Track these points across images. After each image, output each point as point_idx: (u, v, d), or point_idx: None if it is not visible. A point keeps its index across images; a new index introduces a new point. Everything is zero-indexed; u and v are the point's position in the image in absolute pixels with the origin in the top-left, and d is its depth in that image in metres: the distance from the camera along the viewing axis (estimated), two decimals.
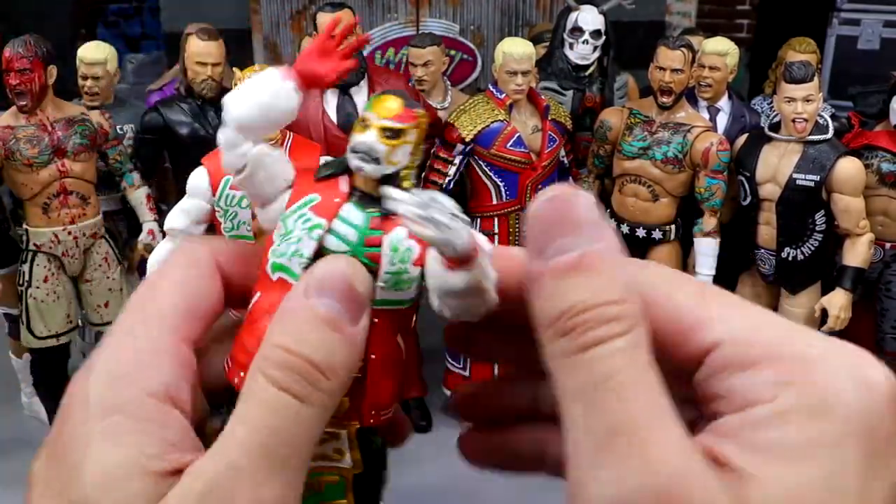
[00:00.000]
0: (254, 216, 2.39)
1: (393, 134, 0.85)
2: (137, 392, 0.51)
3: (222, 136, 0.69)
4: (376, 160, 0.84)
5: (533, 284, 0.51)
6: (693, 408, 0.50)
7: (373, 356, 0.91)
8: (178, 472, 0.48)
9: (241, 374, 0.80)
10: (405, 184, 0.86)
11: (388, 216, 0.85)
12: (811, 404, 0.44)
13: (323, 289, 0.57)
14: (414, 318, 0.94)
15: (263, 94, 0.77)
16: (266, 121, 0.78)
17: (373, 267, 0.90)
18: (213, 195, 2.35)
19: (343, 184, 0.89)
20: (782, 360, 0.46)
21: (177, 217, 2.39)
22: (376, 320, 0.91)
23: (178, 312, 0.58)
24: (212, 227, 2.45)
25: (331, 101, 3.03)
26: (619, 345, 0.46)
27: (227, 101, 0.74)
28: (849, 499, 0.42)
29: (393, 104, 0.87)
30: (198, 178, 2.37)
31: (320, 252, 0.84)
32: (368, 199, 0.87)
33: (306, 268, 0.81)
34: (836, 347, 0.47)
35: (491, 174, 3.24)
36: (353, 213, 0.85)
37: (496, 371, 3.03)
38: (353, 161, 0.85)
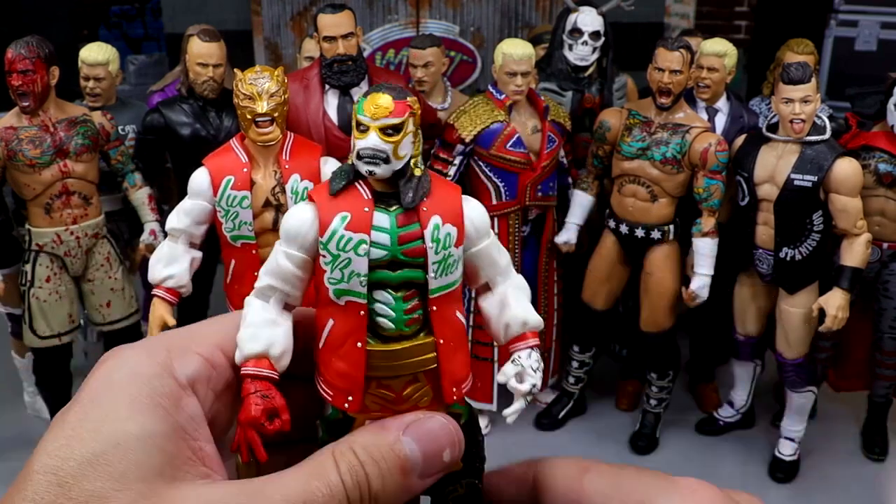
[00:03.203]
0: (255, 216, 2.40)
1: (393, 130, 0.93)
2: (158, 370, 0.62)
3: None
4: (385, 160, 0.92)
5: None
6: None
7: (441, 341, 0.97)
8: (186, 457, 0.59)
9: (350, 398, 0.93)
10: (416, 171, 0.96)
11: (410, 210, 0.94)
12: None
13: (417, 436, 0.71)
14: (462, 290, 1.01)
15: None
16: None
17: (418, 261, 0.95)
18: (214, 195, 2.36)
19: (363, 191, 0.95)
20: None
21: (178, 217, 2.39)
22: (435, 308, 0.96)
23: (231, 333, 0.72)
24: (213, 228, 2.46)
25: (331, 101, 3.04)
26: None
27: None
28: None
29: (384, 101, 0.93)
30: (199, 179, 2.38)
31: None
32: (387, 198, 0.95)
33: (366, 285, 0.92)
34: (668, 487, 0.65)
35: (490, 174, 3.25)
36: (380, 218, 0.94)
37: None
38: (363, 167, 0.93)
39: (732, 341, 3.41)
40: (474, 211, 1.00)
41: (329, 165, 2.49)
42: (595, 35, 3.48)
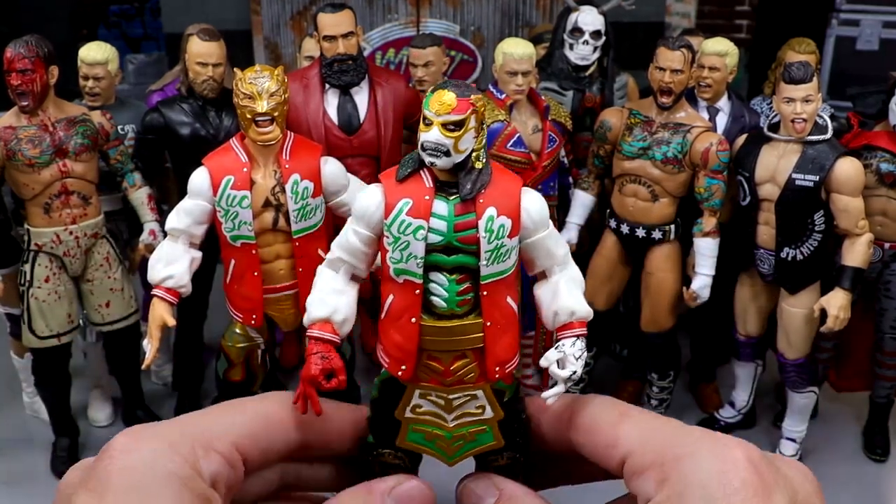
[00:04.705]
0: (255, 216, 2.39)
1: (455, 126, 1.00)
2: (190, 472, 0.65)
3: None
4: (446, 153, 0.99)
5: None
6: None
7: (488, 323, 1.05)
8: None
9: (403, 367, 1.02)
10: (477, 164, 1.03)
11: (467, 200, 1.01)
12: (676, 493, 0.63)
13: (398, 498, 0.77)
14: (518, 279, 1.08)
15: None
16: None
17: (471, 248, 1.02)
18: (214, 195, 2.35)
19: (426, 179, 1.03)
20: (662, 463, 0.67)
21: (178, 217, 2.38)
22: (486, 293, 1.04)
23: (244, 431, 0.75)
24: (213, 228, 2.45)
25: (331, 101, 3.04)
26: None
27: None
28: None
29: (448, 98, 1.01)
30: (199, 179, 2.37)
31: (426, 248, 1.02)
32: (447, 186, 1.02)
33: (422, 267, 1.00)
34: (706, 440, 0.67)
35: None
36: (439, 206, 1.01)
37: None
38: (426, 158, 1.00)
39: (733, 341, 3.40)
40: (532, 204, 1.07)
41: (329, 165, 2.48)
42: (596, 34, 3.47)
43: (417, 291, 1.01)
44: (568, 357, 1.16)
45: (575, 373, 1.14)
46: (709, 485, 0.61)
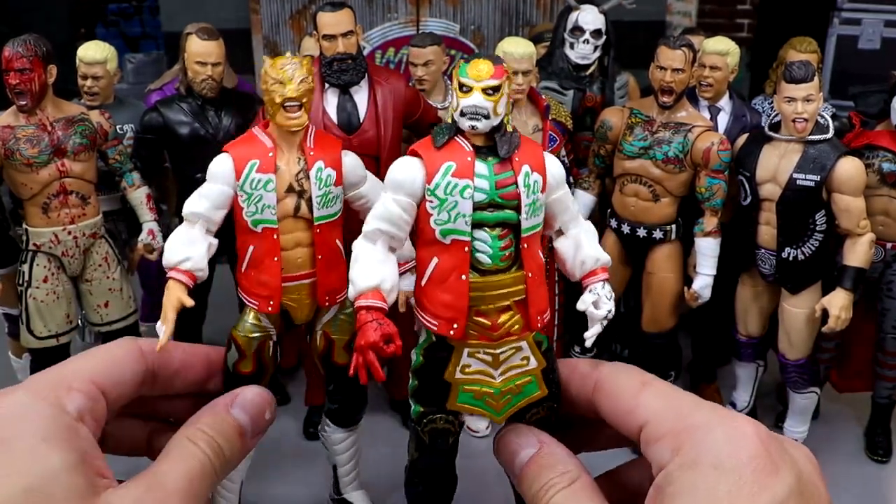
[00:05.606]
0: (278, 200, 2.35)
1: (493, 90, 1.08)
2: (54, 410, 0.74)
3: None
4: (486, 116, 1.07)
5: (520, 477, 0.85)
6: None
7: (529, 275, 1.11)
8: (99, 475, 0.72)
9: (455, 325, 1.06)
10: (508, 128, 1.11)
11: (505, 160, 1.08)
12: (689, 461, 0.66)
13: (243, 406, 0.89)
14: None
15: None
16: None
17: (512, 204, 1.09)
18: (237, 180, 2.31)
19: (464, 144, 1.09)
20: (678, 433, 0.69)
21: (197, 201, 2.32)
22: (525, 245, 1.10)
23: (97, 369, 0.85)
24: (230, 214, 2.39)
25: (331, 100, 3.02)
26: (575, 486, 0.78)
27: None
28: None
29: (485, 66, 1.09)
30: (220, 164, 2.31)
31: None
32: (485, 150, 1.10)
33: (470, 224, 1.05)
34: (720, 415, 0.70)
35: None
36: (480, 167, 1.09)
37: None
38: (466, 123, 1.08)
39: (734, 342, 3.39)
40: (553, 164, 1.18)
41: (349, 157, 2.46)
42: (596, 33, 3.46)
43: (466, 249, 1.06)
44: (601, 298, 1.25)
45: (610, 311, 1.23)
46: (720, 455, 0.65)
